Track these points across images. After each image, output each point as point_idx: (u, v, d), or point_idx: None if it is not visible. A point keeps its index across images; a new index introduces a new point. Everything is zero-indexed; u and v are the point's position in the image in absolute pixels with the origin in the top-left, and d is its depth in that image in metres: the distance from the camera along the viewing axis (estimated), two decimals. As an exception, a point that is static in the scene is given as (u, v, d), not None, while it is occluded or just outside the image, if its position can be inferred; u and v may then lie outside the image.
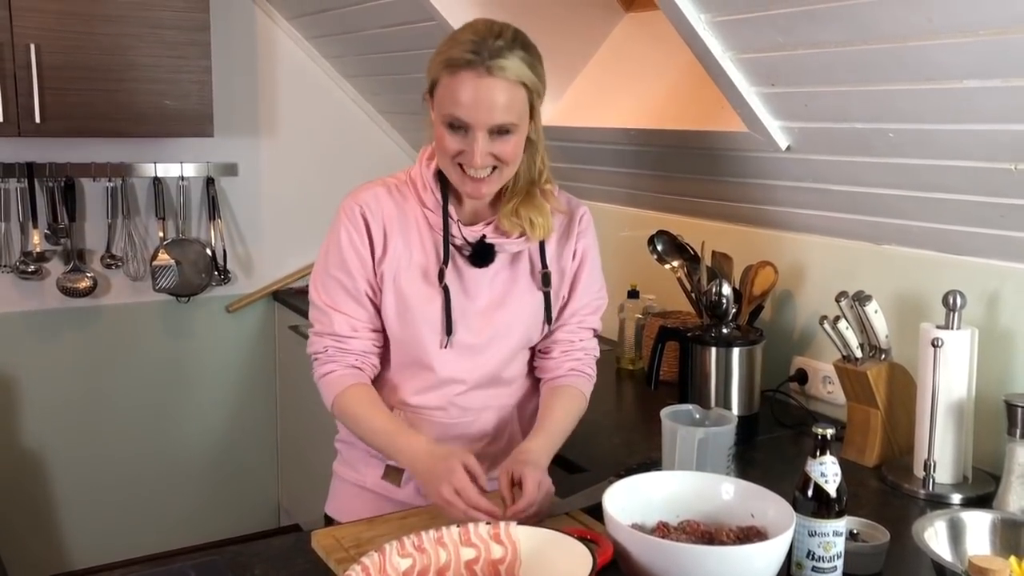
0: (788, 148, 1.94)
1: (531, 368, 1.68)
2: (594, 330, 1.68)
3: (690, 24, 1.74)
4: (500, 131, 1.41)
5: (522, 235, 1.54)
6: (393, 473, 1.61)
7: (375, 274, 1.54)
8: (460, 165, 1.45)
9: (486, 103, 1.39)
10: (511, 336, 1.59)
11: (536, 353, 1.67)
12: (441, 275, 1.52)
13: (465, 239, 1.54)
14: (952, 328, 1.63)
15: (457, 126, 1.41)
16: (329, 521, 1.67)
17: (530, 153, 1.51)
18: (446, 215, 1.52)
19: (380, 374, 1.61)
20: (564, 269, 1.62)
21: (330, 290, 1.54)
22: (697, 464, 1.48)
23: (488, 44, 1.38)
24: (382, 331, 1.57)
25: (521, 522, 1.28)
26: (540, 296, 1.59)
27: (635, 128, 2.34)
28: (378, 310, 1.56)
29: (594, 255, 1.66)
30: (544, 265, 1.59)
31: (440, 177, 1.53)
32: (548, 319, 1.60)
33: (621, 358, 2.55)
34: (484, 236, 1.54)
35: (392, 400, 1.59)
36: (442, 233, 1.52)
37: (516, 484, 1.40)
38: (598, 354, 1.70)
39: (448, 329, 1.53)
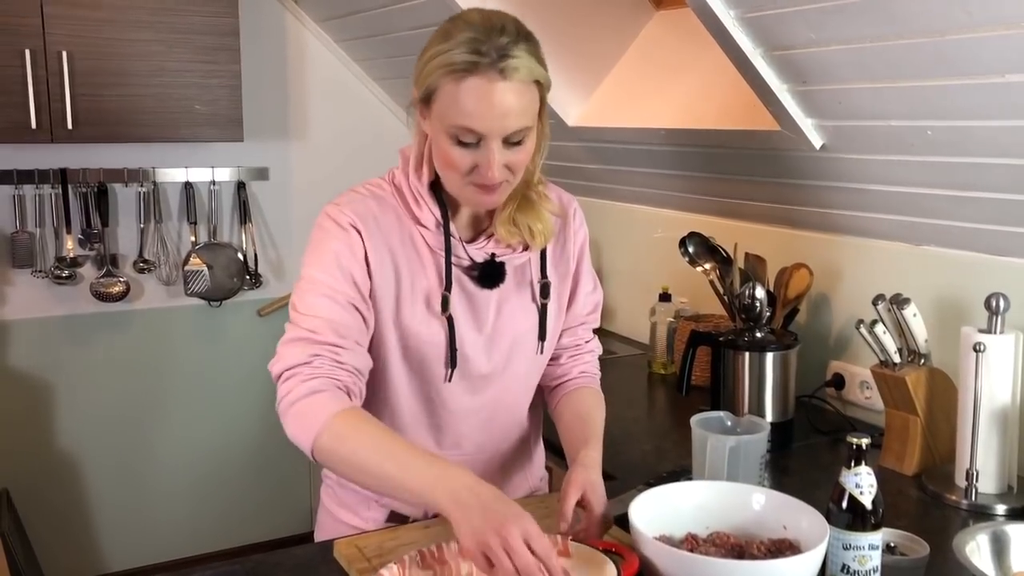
0: (822, 147, 1.89)
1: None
2: (593, 329, 1.60)
3: (719, 21, 1.70)
4: (514, 139, 1.25)
5: (525, 247, 1.42)
6: (398, 520, 1.47)
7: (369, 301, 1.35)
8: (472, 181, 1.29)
9: (500, 110, 1.22)
10: (523, 356, 1.47)
11: None
12: (445, 303, 1.37)
13: (472, 259, 1.39)
14: (995, 332, 1.58)
15: (467, 140, 1.25)
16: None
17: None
18: (447, 234, 1.37)
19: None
20: (565, 273, 1.50)
21: (319, 300, 1.31)
22: (728, 473, 1.44)
23: (493, 41, 1.21)
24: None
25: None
26: (536, 308, 1.46)
27: (666, 128, 2.30)
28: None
29: (587, 251, 1.55)
30: (544, 275, 1.46)
31: (434, 190, 1.37)
32: (542, 335, 1.47)
33: (652, 362, 2.51)
34: (494, 254, 1.40)
35: None
36: (443, 255, 1.36)
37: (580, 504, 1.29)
38: (601, 351, 1.62)
39: (453, 362, 1.39)
